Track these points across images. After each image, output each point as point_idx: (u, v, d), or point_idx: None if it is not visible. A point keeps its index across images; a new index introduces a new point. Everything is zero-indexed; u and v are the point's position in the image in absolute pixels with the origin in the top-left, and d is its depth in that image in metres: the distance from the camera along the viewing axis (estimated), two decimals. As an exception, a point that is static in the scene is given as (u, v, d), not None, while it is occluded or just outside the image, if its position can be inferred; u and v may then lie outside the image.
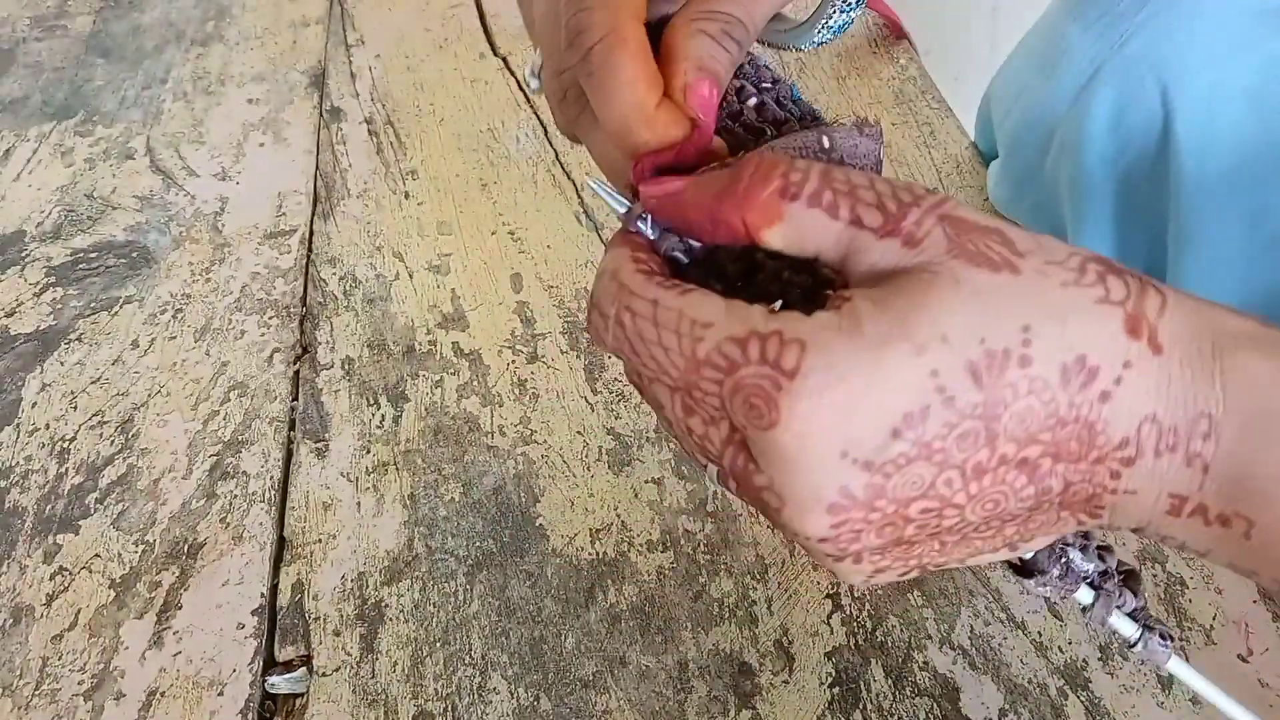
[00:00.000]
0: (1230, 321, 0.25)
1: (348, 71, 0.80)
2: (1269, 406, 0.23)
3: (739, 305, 0.25)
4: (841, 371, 0.23)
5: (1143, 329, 0.24)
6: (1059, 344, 0.23)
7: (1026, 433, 0.23)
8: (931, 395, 0.23)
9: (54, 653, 0.44)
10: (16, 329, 0.60)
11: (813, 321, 0.24)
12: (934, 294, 0.23)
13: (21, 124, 0.77)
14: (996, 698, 0.40)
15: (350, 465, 0.51)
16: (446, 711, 0.41)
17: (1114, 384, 0.23)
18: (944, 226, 0.24)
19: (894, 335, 0.23)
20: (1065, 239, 0.55)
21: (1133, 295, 0.24)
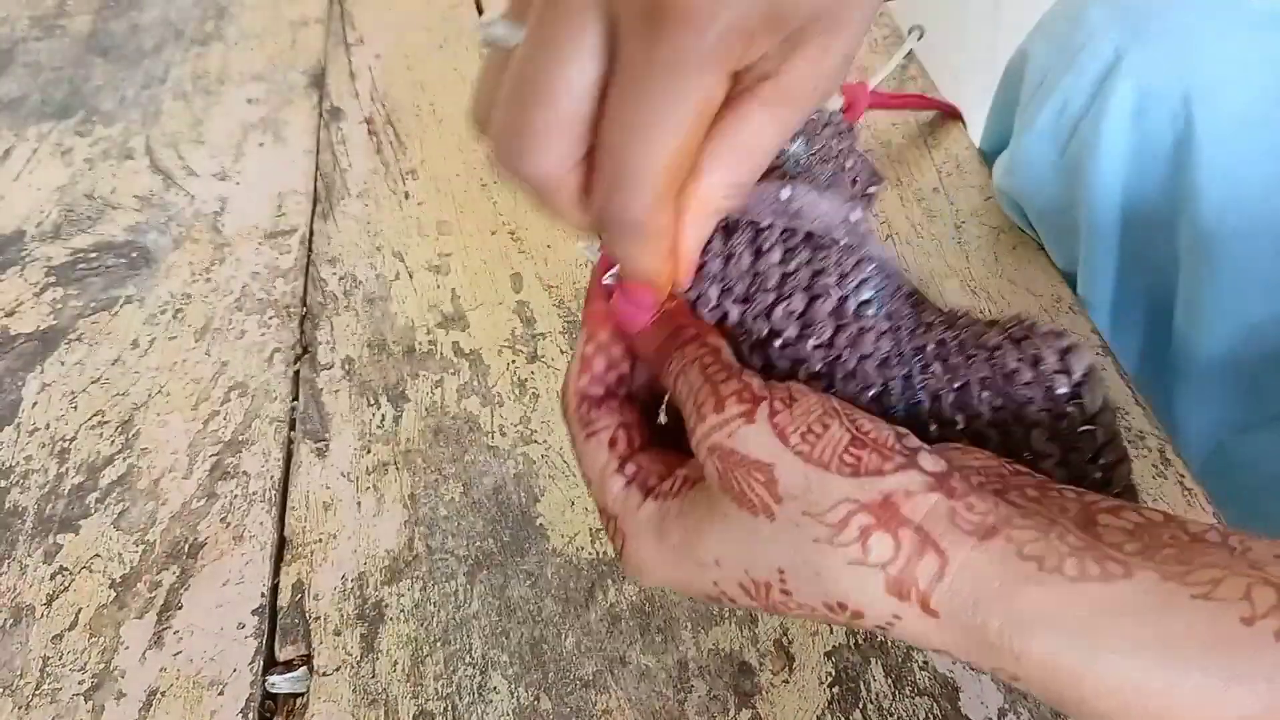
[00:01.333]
0: (1027, 594, 0.23)
1: (347, 71, 0.80)
2: (1068, 692, 0.23)
3: (608, 472, 0.30)
4: (650, 567, 0.29)
5: (910, 594, 0.24)
6: (815, 589, 0.25)
7: (814, 616, 0.26)
8: (718, 594, 0.28)
9: (54, 653, 0.44)
10: (16, 329, 0.60)
11: (636, 519, 0.29)
12: (709, 524, 0.27)
13: (21, 124, 0.77)
14: (996, 698, 0.40)
15: (350, 465, 0.51)
16: (446, 711, 0.41)
17: (886, 625, 0.25)
18: (714, 459, 0.27)
19: (684, 549, 0.28)
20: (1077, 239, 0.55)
21: (901, 558, 0.24)
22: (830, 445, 0.25)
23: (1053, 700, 0.23)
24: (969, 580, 0.23)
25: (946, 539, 0.24)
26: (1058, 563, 0.23)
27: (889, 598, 0.24)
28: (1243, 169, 0.49)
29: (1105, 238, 0.54)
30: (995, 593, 0.23)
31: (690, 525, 0.27)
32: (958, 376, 0.29)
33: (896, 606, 0.24)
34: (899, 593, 0.24)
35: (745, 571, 0.26)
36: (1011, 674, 0.23)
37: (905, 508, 0.24)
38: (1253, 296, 0.51)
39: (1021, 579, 0.23)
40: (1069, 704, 0.23)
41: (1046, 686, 0.23)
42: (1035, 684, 0.23)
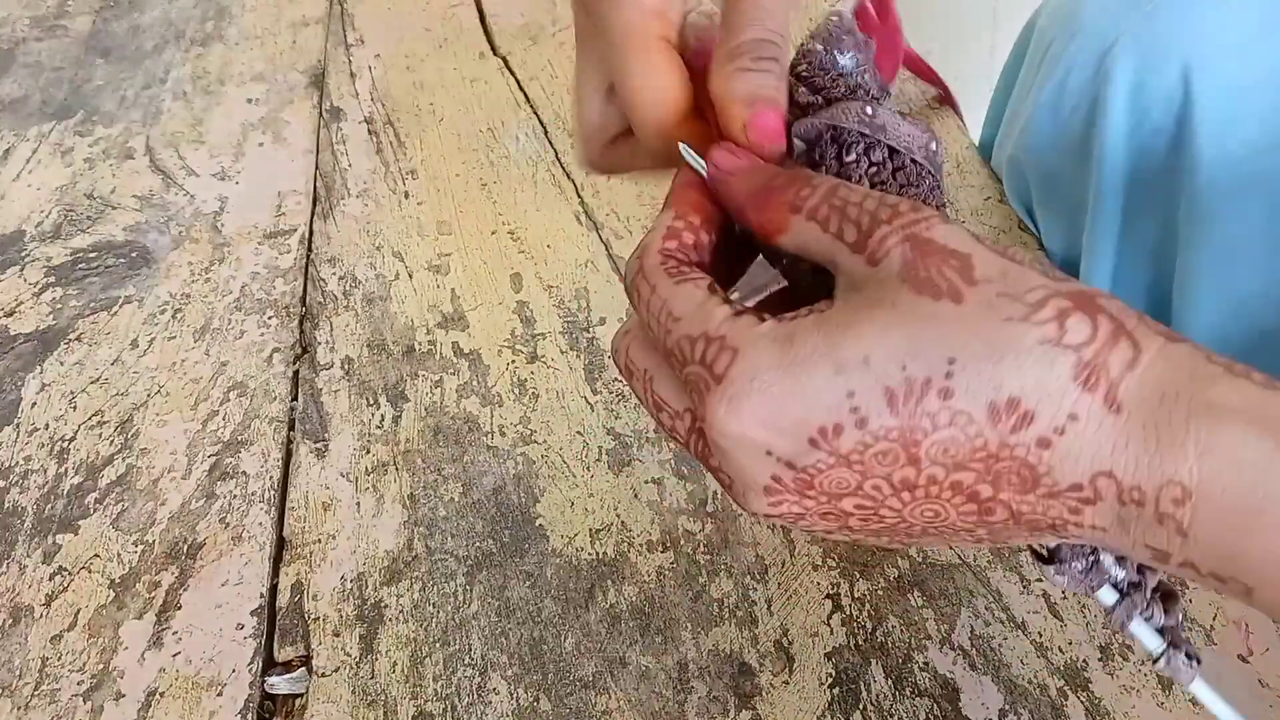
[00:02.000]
0: (1219, 387, 0.22)
1: (347, 71, 0.80)
2: (1252, 490, 0.21)
3: (711, 303, 0.26)
4: (763, 382, 0.24)
5: (1099, 382, 0.22)
6: (986, 381, 0.23)
7: (953, 460, 0.23)
8: (845, 415, 0.24)
9: (53, 653, 0.44)
10: (16, 329, 0.60)
11: (754, 331, 0.25)
12: (867, 316, 0.24)
13: (21, 124, 0.77)
14: (996, 698, 0.40)
15: (350, 465, 0.51)
16: (446, 712, 0.41)
17: (1055, 434, 0.23)
18: (905, 247, 0.24)
19: (818, 353, 0.24)
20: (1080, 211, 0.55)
21: (1097, 342, 0.23)
22: (1020, 253, 0.25)
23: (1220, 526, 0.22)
24: (1160, 371, 0.22)
25: (1139, 332, 0.23)
26: (1245, 370, 0.22)
27: (1074, 386, 0.22)
28: (1236, 135, 0.49)
29: (1109, 211, 0.54)
30: (1185, 384, 0.22)
31: (836, 325, 0.24)
32: None
33: (1078, 398, 0.22)
34: (1087, 380, 0.22)
35: (903, 367, 0.23)
36: (1183, 487, 0.22)
37: (1101, 299, 0.23)
38: (1241, 270, 0.51)
39: (1214, 375, 0.22)
40: (1247, 513, 0.21)
41: (1225, 493, 0.21)
42: (1212, 493, 0.22)
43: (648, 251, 0.29)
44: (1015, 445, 0.23)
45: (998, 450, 0.23)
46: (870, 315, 0.24)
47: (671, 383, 0.27)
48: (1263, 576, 0.22)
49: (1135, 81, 0.51)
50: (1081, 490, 0.23)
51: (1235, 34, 0.50)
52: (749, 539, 0.46)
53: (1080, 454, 0.22)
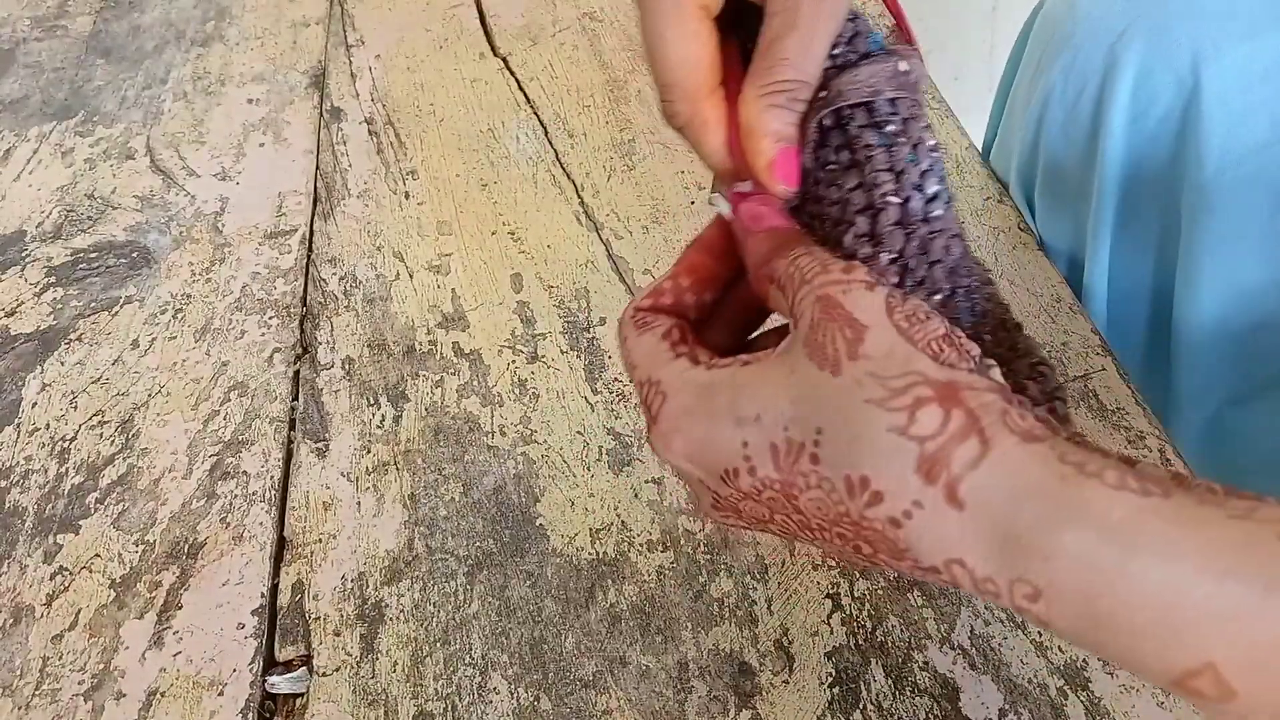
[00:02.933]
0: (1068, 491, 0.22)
1: (348, 71, 0.80)
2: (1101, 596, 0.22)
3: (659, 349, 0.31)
4: (682, 424, 0.28)
5: (939, 475, 0.23)
6: (844, 457, 0.25)
7: (826, 519, 0.26)
8: (741, 461, 0.27)
9: (54, 653, 0.44)
10: (16, 329, 0.60)
11: (684, 377, 0.29)
12: (766, 378, 0.27)
13: (21, 124, 0.77)
14: (996, 698, 0.40)
15: (350, 465, 0.51)
16: (446, 711, 0.41)
17: (903, 516, 0.24)
18: (816, 308, 0.27)
19: (725, 406, 0.28)
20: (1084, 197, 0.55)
21: (943, 436, 0.24)
22: (926, 331, 0.26)
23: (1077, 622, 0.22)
24: (1006, 471, 0.23)
25: (993, 429, 0.24)
26: (1099, 470, 0.23)
27: (916, 477, 0.24)
28: (1243, 126, 0.50)
29: (1112, 198, 0.54)
30: (1033, 486, 0.23)
31: (743, 382, 0.28)
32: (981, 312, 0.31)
33: (920, 490, 0.24)
34: (928, 473, 0.24)
35: (784, 429, 0.26)
36: (1033, 586, 0.22)
37: (965, 394, 0.24)
38: (1246, 258, 0.51)
39: (1060, 477, 0.23)
40: (1098, 617, 0.22)
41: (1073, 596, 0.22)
42: (1061, 594, 0.22)
43: (627, 308, 0.33)
44: (872, 519, 0.25)
45: (859, 520, 0.25)
46: (769, 376, 0.27)
47: None
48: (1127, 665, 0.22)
49: (1142, 70, 0.51)
50: (939, 572, 0.24)
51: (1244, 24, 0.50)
52: (749, 539, 0.46)
53: (929, 540, 0.24)
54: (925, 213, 0.29)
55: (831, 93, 0.30)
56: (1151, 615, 0.21)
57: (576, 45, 0.79)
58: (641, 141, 0.69)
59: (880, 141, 0.30)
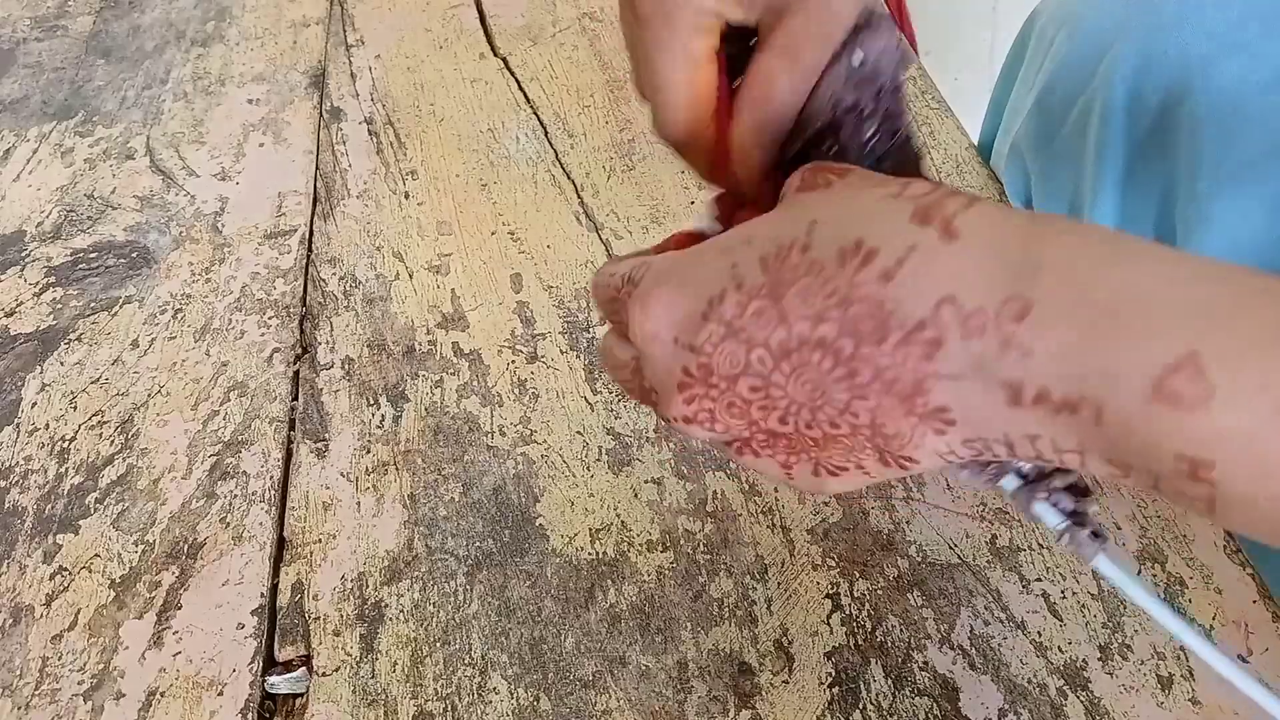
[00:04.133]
0: (1052, 219, 0.24)
1: (348, 71, 0.80)
2: (1092, 290, 0.22)
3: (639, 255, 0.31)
4: (666, 275, 0.28)
5: (933, 217, 0.24)
6: (839, 233, 0.25)
7: (812, 310, 0.25)
8: (727, 280, 0.27)
9: (54, 653, 0.44)
10: (16, 329, 0.60)
11: (671, 255, 0.29)
12: (759, 221, 0.28)
13: (21, 124, 0.77)
14: (996, 698, 0.40)
15: (350, 465, 0.51)
16: (446, 711, 0.41)
17: (895, 265, 0.24)
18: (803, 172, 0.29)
19: (713, 244, 0.28)
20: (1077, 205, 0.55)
21: (936, 193, 0.25)
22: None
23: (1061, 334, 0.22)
24: (995, 211, 0.24)
25: (977, 197, 0.25)
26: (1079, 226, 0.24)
27: (911, 224, 0.24)
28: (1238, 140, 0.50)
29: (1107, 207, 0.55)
30: (1021, 219, 0.24)
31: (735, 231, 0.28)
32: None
33: (915, 232, 0.24)
34: (924, 217, 0.24)
35: (774, 240, 0.26)
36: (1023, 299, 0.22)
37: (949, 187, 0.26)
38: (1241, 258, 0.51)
39: (1046, 215, 0.24)
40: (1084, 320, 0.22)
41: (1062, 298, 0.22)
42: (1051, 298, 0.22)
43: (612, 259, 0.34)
44: (862, 284, 0.25)
45: (848, 292, 0.25)
46: (761, 221, 0.28)
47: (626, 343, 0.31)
48: (1106, 385, 0.21)
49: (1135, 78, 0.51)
50: (925, 328, 0.24)
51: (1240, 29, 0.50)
52: (749, 539, 0.46)
53: (920, 282, 0.24)
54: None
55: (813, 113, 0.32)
56: (1136, 305, 0.21)
57: (576, 45, 0.79)
58: (641, 141, 0.69)
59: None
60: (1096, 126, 0.53)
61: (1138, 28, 0.51)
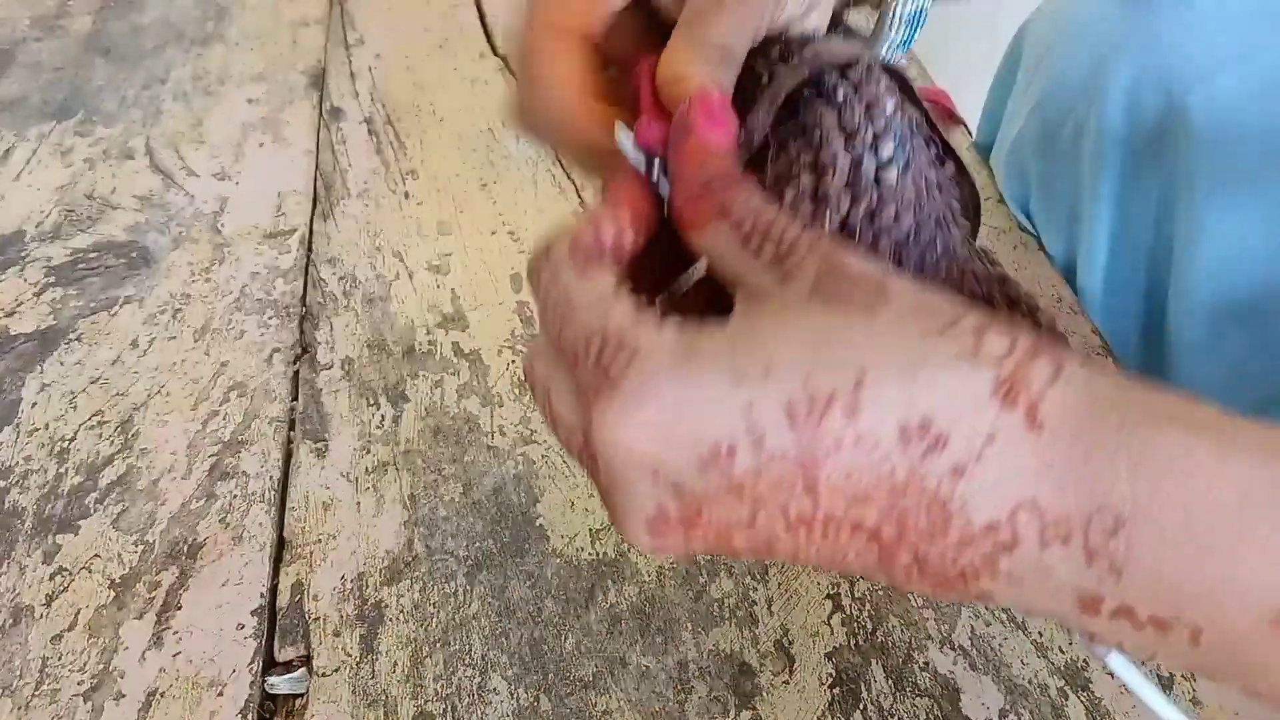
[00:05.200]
0: (1146, 398, 0.20)
1: (348, 71, 0.80)
2: (1199, 502, 0.19)
3: (613, 297, 0.24)
4: (658, 389, 0.22)
5: (1019, 398, 0.20)
6: (899, 398, 0.20)
7: (855, 491, 0.21)
8: (741, 432, 0.21)
9: (53, 653, 0.44)
10: (16, 329, 0.60)
11: (657, 333, 0.23)
12: (774, 325, 0.22)
13: (21, 124, 0.77)
14: (997, 698, 0.40)
15: (350, 465, 0.51)
16: (446, 712, 0.41)
17: (971, 459, 0.20)
18: (821, 266, 0.23)
19: (719, 361, 0.22)
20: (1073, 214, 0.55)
21: (1016, 354, 0.21)
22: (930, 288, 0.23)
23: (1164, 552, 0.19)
24: (1084, 383, 0.20)
25: (1060, 349, 0.21)
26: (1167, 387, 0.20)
27: (992, 404, 0.20)
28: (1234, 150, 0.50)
29: (1102, 217, 0.54)
30: (1112, 395, 0.20)
31: (740, 332, 0.22)
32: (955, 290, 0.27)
33: (997, 416, 0.20)
34: (1007, 395, 0.20)
35: (805, 379, 0.21)
36: (1115, 514, 0.19)
37: (1014, 324, 0.22)
38: (1241, 279, 0.51)
39: (1137, 388, 0.20)
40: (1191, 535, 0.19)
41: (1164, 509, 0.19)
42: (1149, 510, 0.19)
43: (558, 238, 0.26)
44: (926, 475, 0.20)
45: (906, 481, 0.21)
46: (777, 324, 0.22)
47: (569, 392, 0.24)
48: (1212, 608, 0.19)
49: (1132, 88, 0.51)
50: (998, 532, 0.20)
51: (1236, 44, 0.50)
52: (749, 539, 0.46)
53: (999, 482, 0.20)
54: (879, 176, 0.26)
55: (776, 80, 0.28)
56: (1249, 528, 0.18)
57: (576, 45, 0.79)
58: (641, 141, 0.69)
59: (829, 106, 0.27)
60: (1094, 139, 0.53)
61: (1134, 41, 0.51)
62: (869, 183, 0.26)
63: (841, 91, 0.27)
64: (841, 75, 0.27)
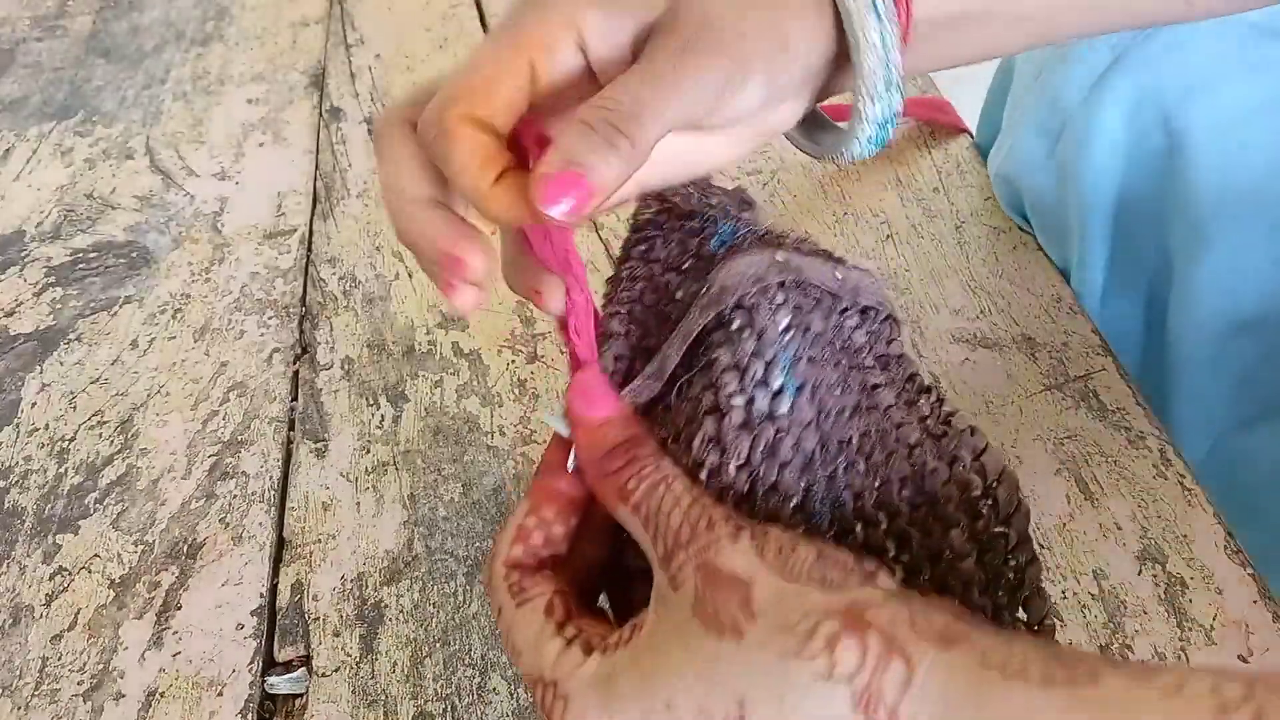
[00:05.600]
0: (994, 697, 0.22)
1: (347, 71, 0.80)
2: None
3: (544, 637, 0.28)
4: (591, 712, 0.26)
5: (878, 710, 0.23)
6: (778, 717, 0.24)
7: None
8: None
9: (53, 653, 0.44)
10: (16, 329, 0.60)
11: (580, 675, 0.27)
12: (665, 659, 0.26)
13: (21, 124, 0.77)
14: (997, 698, 0.40)
15: (350, 465, 0.51)
16: (446, 712, 0.41)
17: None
18: (697, 577, 0.26)
19: (631, 697, 0.26)
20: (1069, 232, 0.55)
21: (868, 668, 0.23)
22: (801, 562, 0.26)
23: None
24: (936, 688, 0.23)
25: (911, 645, 0.23)
26: (1022, 668, 0.23)
27: (856, 717, 0.23)
28: (1235, 165, 0.49)
29: (1097, 235, 0.54)
30: (963, 699, 0.23)
31: (644, 668, 0.26)
32: (879, 475, 0.29)
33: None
34: (866, 708, 0.23)
35: (699, 710, 0.25)
36: None
37: (869, 613, 0.24)
38: (1245, 292, 0.51)
39: (987, 684, 0.23)
40: None
41: None
42: None
43: (495, 561, 0.31)
44: None
45: None
46: (668, 656, 0.26)
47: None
48: None
49: (1130, 106, 0.51)
50: None
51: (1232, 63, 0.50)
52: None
53: None
54: (771, 410, 0.29)
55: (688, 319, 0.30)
56: None
57: (576, 45, 0.79)
58: (641, 141, 0.69)
59: (727, 344, 0.29)
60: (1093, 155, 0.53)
61: (1130, 58, 0.51)
62: (764, 418, 0.28)
63: (737, 322, 0.29)
64: (737, 305, 0.29)
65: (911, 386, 0.32)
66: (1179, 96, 0.50)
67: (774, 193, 0.63)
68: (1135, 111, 0.51)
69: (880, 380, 0.31)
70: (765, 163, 0.65)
